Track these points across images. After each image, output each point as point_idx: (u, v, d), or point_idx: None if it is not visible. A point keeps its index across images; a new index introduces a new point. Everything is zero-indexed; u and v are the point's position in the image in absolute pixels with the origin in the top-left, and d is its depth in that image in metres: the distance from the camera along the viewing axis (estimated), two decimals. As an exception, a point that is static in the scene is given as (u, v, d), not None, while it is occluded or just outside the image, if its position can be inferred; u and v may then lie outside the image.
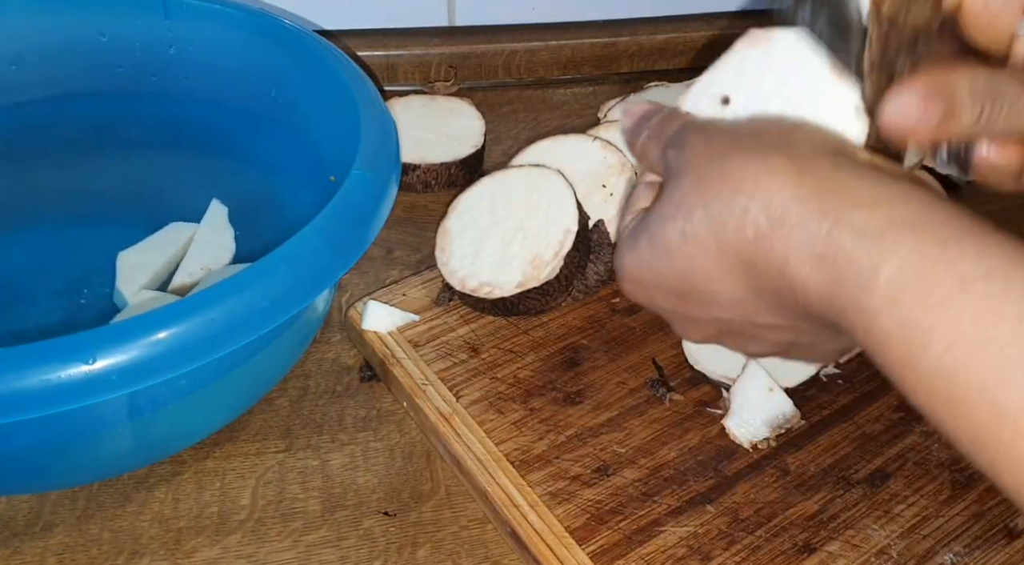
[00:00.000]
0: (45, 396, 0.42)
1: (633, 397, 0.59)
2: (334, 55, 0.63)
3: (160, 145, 0.73)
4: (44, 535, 0.52)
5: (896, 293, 0.32)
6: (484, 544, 0.53)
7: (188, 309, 0.45)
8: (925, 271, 0.32)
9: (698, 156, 0.40)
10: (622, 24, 0.89)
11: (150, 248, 0.65)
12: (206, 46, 0.69)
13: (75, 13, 0.69)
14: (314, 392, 0.61)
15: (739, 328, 0.42)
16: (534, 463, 0.55)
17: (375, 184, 0.54)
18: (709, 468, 0.55)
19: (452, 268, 0.63)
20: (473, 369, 0.60)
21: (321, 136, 0.63)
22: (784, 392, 0.57)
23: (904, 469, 0.56)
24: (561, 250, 0.61)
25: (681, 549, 0.51)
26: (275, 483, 0.55)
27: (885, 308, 0.32)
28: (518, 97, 0.87)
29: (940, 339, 0.31)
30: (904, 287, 0.32)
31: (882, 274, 0.32)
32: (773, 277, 0.36)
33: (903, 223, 0.33)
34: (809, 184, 0.35)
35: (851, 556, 0.51)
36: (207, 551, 0.52)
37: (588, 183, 0.65)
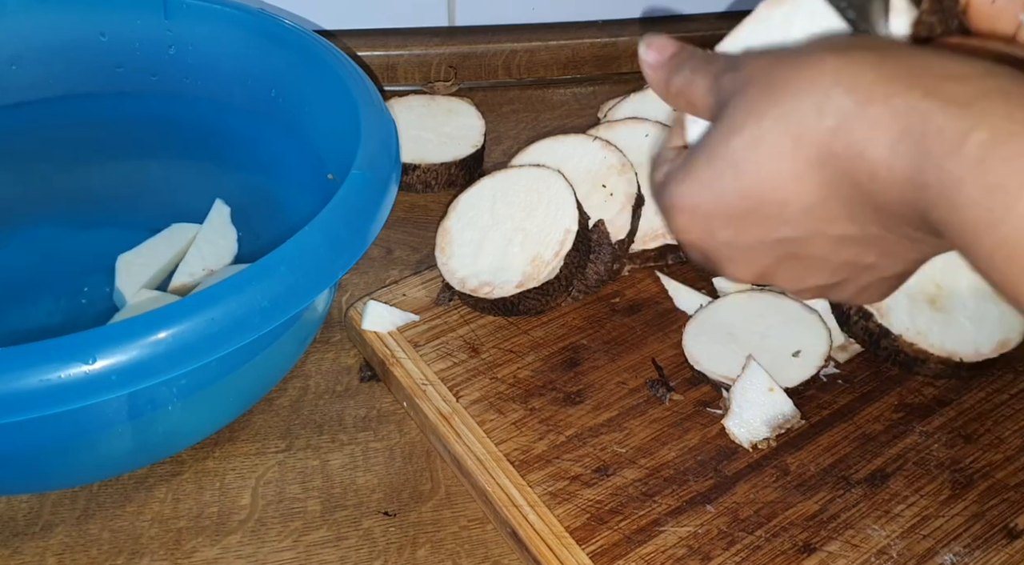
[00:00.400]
0: (45, 396, 0.42)
1: (633, 397, 0.59)
2: (334, 55, 0.63)
3: (160, 145, 0.73)
4: (44, 535, 0.52)
5: (985, 155, 0.32)
6: (484, 544, 0.53)
7: (188, 309, 0.45)
8: (1016, 134, 0.31)
9: (762, 69, 0.38)
10: (622, 24, 0.89)
11: (150, 249, 0.65)
12: (206, 46, 0.69)
13: (75, 13, 0.69)
14: (314, 392, 0.61)
15: (802, 248, 0.40)
16: (534, 463, 0.55)
17: (375, 184, 0.54)
18: (709, 468, 0.55)
19: (452, 268, 0.63)
20: (473, 369, 0.60)
21: (321, 136, 0.63)
22: (784, 392, 0.57)
23: (904, 469, 0.56)
24: (561, 250, 0.61)
25: (681, 549, 0.51)
26: (275, 483, 0.55)
27: (972, 172, 0.32)
28: (518, 97, 0.87)
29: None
30: (994, 150, 0.31)
31: (971, 139, 0.32)
32: (852, 166, 0.36)
33: (993, 92, 0.32)
34: (893, 63, 0.35)
35: (851, 556, 0.51)
36: (207, 551, 0.52)
37: (588, 183, 0.65)
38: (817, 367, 0.59)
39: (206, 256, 0.64)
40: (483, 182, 0.66)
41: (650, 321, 0.64)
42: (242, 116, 0.69)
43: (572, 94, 0.88)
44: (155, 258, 0.64)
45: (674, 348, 0.62)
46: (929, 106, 0.33)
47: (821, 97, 0.36)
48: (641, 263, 0.67)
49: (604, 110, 0.78)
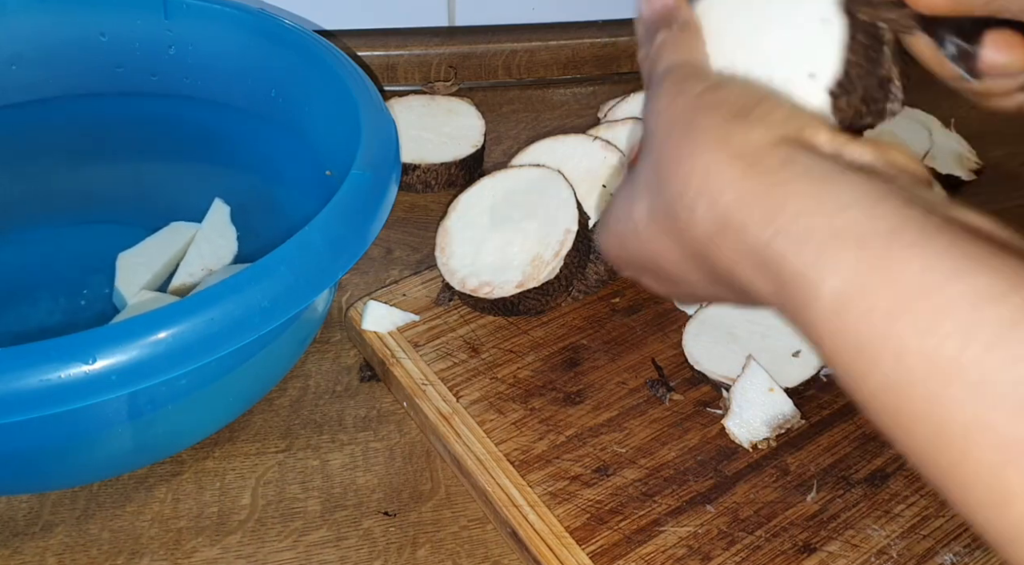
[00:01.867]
0: (45, 396, 0.42)
1: (633, 397, 0.59)
2: (334, 55, 0.63)
3: (160, 145, 0.73)
4: (44, 535, 0.52)
5: (840, 309, 0.31)
6: (484, 544, 0.53)
7: (188, 309, 0.45)
8: (867, 287, 0.30)
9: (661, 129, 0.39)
10: (622, 24, 0.89)
11: (150, 248, 0.65)
12: (206, 46, 0.69)
13: (75, 13, 0.69)
14: (314, 392, 0.61)
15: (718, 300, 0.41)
16: (534, 463, 0.55)
17: (375, 184, 0.54)
18: (709, 468, 0.55)
19: (452, 268, 0.63)
20: (473, 369, 0.60)
21: (321, 136, 0.63)
22: (784, 392, 0.57)
23: (904, 469, 0.56)
24: (561, 250, 0.61)
25: (681, 549, 0.51)
26: (275, 483, 0.55)
27: (831, 324, 0.31)
28: (518, 97, 0.87)
29: (887, 356, 0.30)
30: (848, 303, 0.31)
31: (825, 289, 0.31)
32: (724, 274, 0.36)
33: (845, 233, 0.31)
34: (752, 184, 0.34)
35: (851, 556, 0.52)
36: (207, 551, 0.52)
37: (588, 183, 0.65)
38: (817, 367, 0.59)
39: (206, 256, 0.64)
40: (483, 182, 0.66)
41: (650, 321, 0.64)
42: (242, 116, 0.69)
43: (572, 94, 0.88)
44: (155, 257, 0.64)
45: (674, 348, 0.62)
46: (782, 246, 0.32)
47: (691, 202, 0.36)
48: (641, 263, 0.67)
49: (604, 110, 0.78)
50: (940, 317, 0.29)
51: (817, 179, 0.33)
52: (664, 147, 0.38)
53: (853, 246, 0.31)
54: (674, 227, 0.37)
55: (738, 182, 0.34)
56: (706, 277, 0.37)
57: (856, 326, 0.30)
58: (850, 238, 0.31)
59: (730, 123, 0.36)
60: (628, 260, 0.42)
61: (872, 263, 0.30)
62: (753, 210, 0.33)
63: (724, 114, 0.36)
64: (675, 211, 0.36)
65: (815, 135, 0.36)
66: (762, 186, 0.34)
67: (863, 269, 0.30)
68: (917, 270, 0.30)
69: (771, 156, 0.34)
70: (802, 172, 0.33)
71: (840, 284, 0.31)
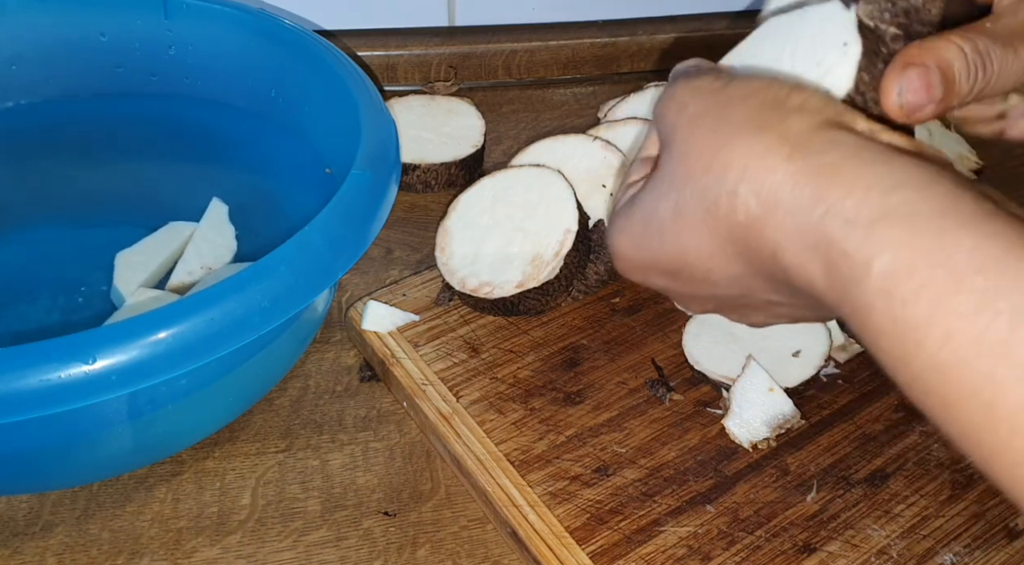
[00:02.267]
0: (45, 396, 0.42)
1: (633, 397, 0.59)
2: (334, 55, 0.63)
3: (160, 145, 0.73)
4: (44, 535, 0.52)
5: (890, 287, 0.31)
6: (484, 544, 0.53)
7: (188, 309, 0.45)
8: (918, 266, 0.30)
9: (685, 124, 0.38)
10: (622, 24, 0.89)
11: (148, 247, 0.65)
12: (206, 46, 0.69)
13: (75, 13, 0.69)
14: (314, 392, 0.61)
15: (738, 302, 0.40)
16: (534, 463, 0.55)
17: (375, 184, 0.54)
18: (709, 468, 0.55)
19: (452, 268, 0.63)
20: (473, 369, 0.60)
21: (321, 136, 0.63)
22: (784, 392, 0.57)
23: (904, 469, 0.56)
24: (561, 250, 0.61)
25: (681, 549, 0.51)
26: (275, 483, 0.55)
27: (879, 303, 0.31)
28: (518, 97, 0.87)
29: (935, 336, 0.30)
30: (898, 282, 0.31)
31: (874, 268, 0.31)
32: (766, 261, 0.35)
33: (897, 212, 0.31)
34: (800, 165, 0.34)
35: (851, 556, 0.52)
36: (207, 551, 0.52)
37: (588, 183, 0.65)
38: (817, 367, 0.59)
39: (204, 254, 0.64)
40: (483, 182, 0.66)
41: (650, 321, 0.64)
42: (242, 116, 0.69)
43: (572, 94, 0.88)
44: (153, 256, 0.64)
45: (674, 348, 0.62)
46: (832, 224, 0.32)
47: (733, 187, 0.35)
48: (641, 263, 0.67)
49: (604, 110, 0.78)
50: (990, 298, 0.29)
51: (867, 160, 0.33)
52: (692, 140, 0.37)
53: (904, 225, 0.31)
54: (710, 217, 0.36)
55: (785, 164, 0.34)
56: (743, 266, 0.37)
57: (904, 306, 0.30)
58: (901, 218, 0.31)
59: (765, 113, 0.36)
60: (644, 263, 0.41)
61: (923, 243, 0.30)
62: (803, 190, 0.33)
63: (756, 104, 0.36)
64: (713, 200, 0.36)
65: (854, 121, 0.35)
66: (810, 167, 0.33)
67: (913, 249, 0.30)
68: (967, 251, 0.30)
69: (817, 138, 0.34)
70: (851, 153, 0.33)
71: (889, 263, 0.31)
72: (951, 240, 0.30)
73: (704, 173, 0.36)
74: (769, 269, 0.36)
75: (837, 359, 0.61)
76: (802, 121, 0.35)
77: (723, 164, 0.35)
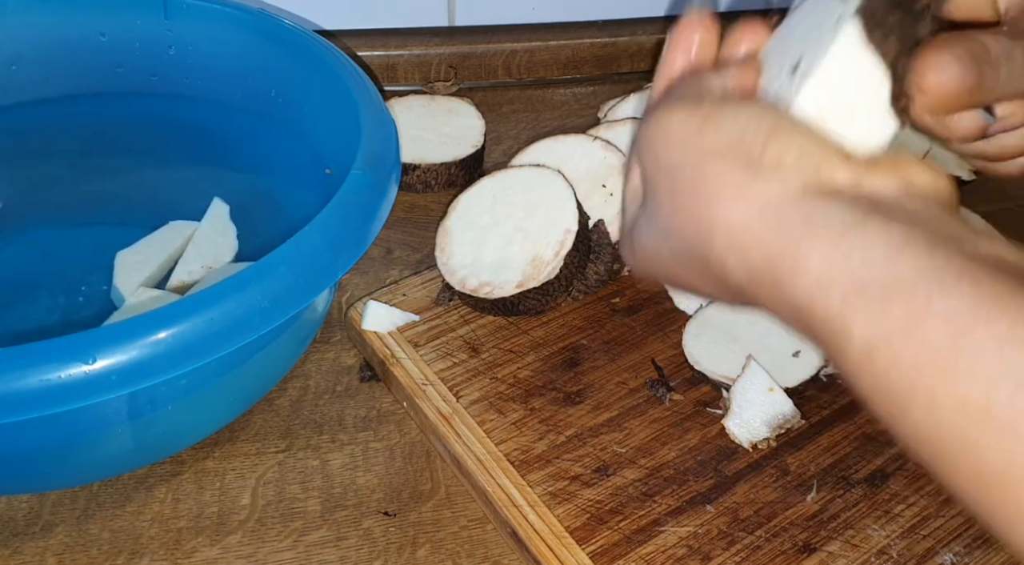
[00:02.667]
0: (45, 396, 0.42)
1: (633, 397, 0.59)
2: (334, 55, 0.63)
3: (160, 145, 0.73)
4: (44, 535, 0.52)
5: (870, 358, 0.31)
6: (484, 544, 0.53)
7: (188, 309, 0.45)
8: (893, 340, 0.31)
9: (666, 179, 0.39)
10: (622, 24, 0.89)
11: (149, 247, 0.65)
12: (206, 46, 0.69)
13: (75, 13, 0.69)
14: (314, 392, 0.61)
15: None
16: (534, 463, 0.55)
17: (375, 184, 0.54)
18: (709, 468, 0.55)
19: (452, 268, 0.63)
20: (473, 369, 0.60)
21: (321, 136, 0.63)
22: (784, 392, 0.57)
23: (904, 469, 0.56)
24: (561, 250, 0.61)
25: (681, 549, 0.51)
26: (275, 483, 0.55)
27: (863, 371, 0.32)
28: (518, 97, 0.87)
29: (919, 403, 0.30)
30: (875, 354, 0.31)
31: (854, 340, 0.32)
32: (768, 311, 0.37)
33: (870, 285, 0.32)
34: (778, 242, 0.34)
35: (851, 556, 0.51)
36: (207, 551, 0.52)
37: (588, 183, 0.65)
38: (817, 367, 0.59)
39: (204, 254, 0.64)
40: (483, 182, 0.66)
41: (650, 321, 0.64)
42: (242, 116, 0.69)
43: (572, 94, 0.88)
44: (153, 255, 0.64)
45: (674, 348, 0.62)
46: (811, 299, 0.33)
47: (719, 256, 0.36)
48: (641, 263, 0.67)
49: (604, 110, 0.78)
50: (966, 365, 0.29)
51: (837, 233, 0.33)
52: (675, 197, 0.38)
53: (876, 299, 0.31)
54: (706, 273, 0.38)
55: (763, 239, 0.35)
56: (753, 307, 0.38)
57: (886, 376, 0.31)
58: (873, 292, 0.31)
59: (743, 173, 0.36)
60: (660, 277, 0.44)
61: (895, 317, 0.31)
62: (781, 266, 0.34)
63: (734, 163, 0.36)
64: (705, 261, 0.37)
65: (832, 174, 0.35)
66: (787, 243, 0.34)
67: (887, 323, 0.31)
68: (941, 321, 0.30)
69: (792, 212, 0.35)
70: (822, 226, 0.34)
71: (866, 336, 0.31)
72: (921, 313, 0.30)
73: (694, 235, 0.37)
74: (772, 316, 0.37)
75: (837, 359, 0.61)
76: (780, 189, 0.35)
77: (708, 231, 0.37)
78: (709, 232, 0.36)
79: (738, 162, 0.36)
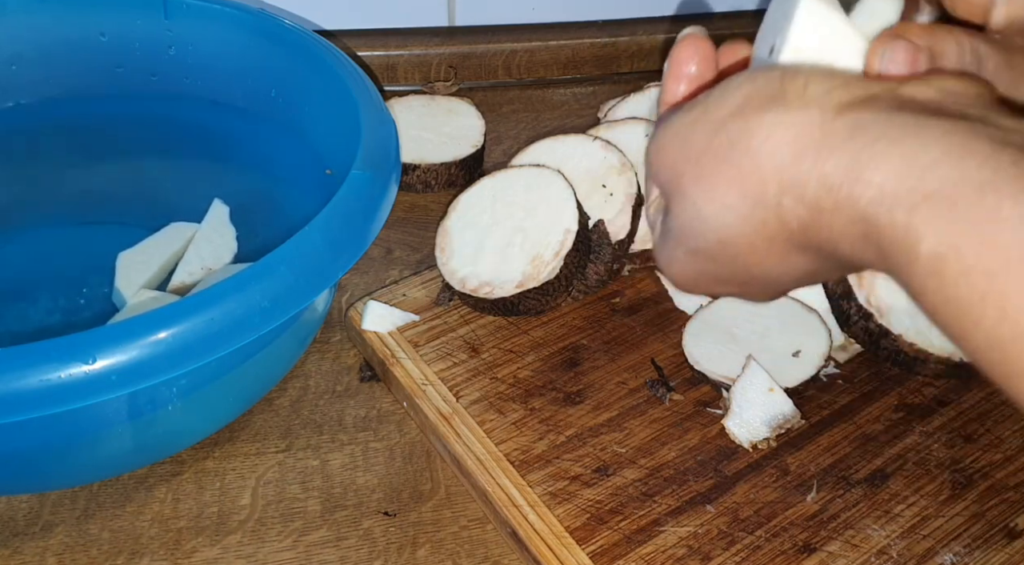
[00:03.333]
0: (45, 396, 0.42)
1: (633, 397, 0.59)
2: (334, 55, 0.63)
3: (160, 145, 0.73)
4: (44, 535, 0.52)
5: (939, 270, 0.30)
6: (484, 544, 0.53)
7: (188, 309, 0.45)
8: (963, 247, 0.30)
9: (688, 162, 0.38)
10: (622, 24, 0.89)
11: (150, 248, 0.65)
12: (206, 46, 0.69)
13: (75, 13, 0.69)
14: (314, 392, 0.61)
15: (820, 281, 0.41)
16: (534, 463, 0.55)
17: (375, 184, 0.54)
18: (709, 468, 0.55)
19: (452, 268, 0.63)
20: (473, 369, 0.60)
21: (321, 136, 0.63)
22: (784, 392, 0.57)
23: (904, 469, 0.56)
24: (561, 250, 0.61)
25: (681, 549, 0.51)
26: (275, 483, 0.55)
27: (930, 284, 0.31)
28: (518, 97, 0.87)
29: (990, 314, 0.30)
30: (945, 265, 0.30)
31: (921, 252, 0.31)
32: (831, 254, 0.35)
33: (936, 193, 0.31)
34: (832, 164, 0.33)
35: (851, 556, 0.51)
36: (207, 551, 0.52)
37: (588, 183, 0.65)
38: (817, 367, 0.59)
39: (205, 255, 0.65)
40: (483, 182, 0.66)
41: (650, 321, 0.64)
42: (242, 116, 0.69)
43: (572, 94, 0.88)
44: (154, 257, 0.64)
45: (674, 348, 0.62)
46: (876, 214, 0.32)
47: (775, 203, 0.35)
48: (641, 263, 0.67)
49: (604, 110, 0.78)
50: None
51: (895, 139, 0.32)
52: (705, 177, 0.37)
53: (945, 207, 0.30)
54: (765, 233, 0.36)
55: (817, 166, 0.33)
56: (813, 260, 0.37)
57: (956, 286, 0.30)
58: (941, 199, 0.30)
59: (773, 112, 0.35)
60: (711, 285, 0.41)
61: (965, 223, 0.30)
62: (840, 189, 0.33)
63: (758, 108, 0.35)
64: (762, 218, 0.36)
65: (866, 87, 0.34)
66: (842, 161, 0.33)
67: (957, 230, 0.30)
68: (1012, 226, 0.29)
69: (839, 129, 0.33)
70: (877, 135, 0.33)
71: (935, 246, 0.30)
72: (992, 218, 0.30)
73: (739, 199, 0.36)
74: (837, 258, 0.36)
75: (837, 359, 0.61)
76: (816, 110, 0.34)
77: (756, 184, 0.35)
78: (758, 183, 0.35)
79: (762, 106, 0.35)
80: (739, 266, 0.39)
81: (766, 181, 0.35)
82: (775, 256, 0.37)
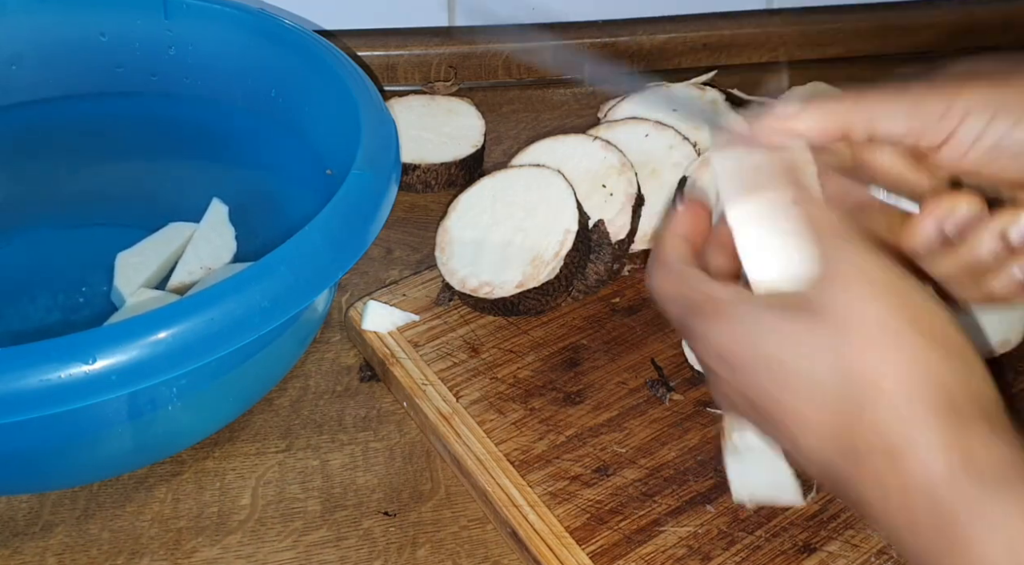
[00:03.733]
0: (45, 396, 0.42)
1: (633, 397, 0.59)
2: (334, 55, 0.63)
3: (160, 145, 0.73)
4: (44, 535, 0.52)
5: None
6: (484, 544, 0.53)
7: (188, 309, 0.45)
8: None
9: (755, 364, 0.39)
10: (622, 24, 0.89)
11: (149, 248, 0.65)
12: (206, 46, 0.69)
13: (75, 13, 0.69)
14: (314, 392, 0.61)
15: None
16: (534, 463, 0.55)
17: (375, 184, 0.54)
18: (709, 468, 0.55)
19: (452, 268, 0.63)
20: (473, 369, 0.60)
21: (321, 136, 0.63)
22: (784, 392, 0.57)
23: (904, 469, 0.56)
24: (561, 250, 0.61)
25: (681, 549, 0.51)
26: (275, 483, 0.55)
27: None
28: (518, 97, 0.87)
29: None
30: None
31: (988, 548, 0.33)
32: (873, 459, 0.36)
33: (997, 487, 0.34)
34: (948, 518, 0.34)
35: (851, 556, 0.51)
36: (207, 551, 0.52)
37: (588, 183, 0.65)
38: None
39: (203, 255, 0.65)
40: (483, 182, 0.66)
41: (650, 321, 0.64)
42: (242, 116, 0.69)
43: (572, 94, 0.88)
44: (154, 256, 0.64)
45: (674, 348, 0.62)
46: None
47: (871, 404, 0.36)
48: (641, 263, 0.67)
49: (604, 110, 0.78)
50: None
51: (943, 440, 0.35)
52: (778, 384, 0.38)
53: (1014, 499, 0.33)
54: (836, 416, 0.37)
55: (934, 506, 0.35)
56: (843, 464, 0.38)
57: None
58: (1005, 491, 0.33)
59: (804, 391, 0.37)
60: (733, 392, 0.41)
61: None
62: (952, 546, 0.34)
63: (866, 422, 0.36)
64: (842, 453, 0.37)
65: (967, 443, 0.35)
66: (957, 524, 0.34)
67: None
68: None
69: (877, 417, 0.35)
70: (998, 515, 0.34)
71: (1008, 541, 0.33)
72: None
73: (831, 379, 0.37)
74: (869, 465, 0.36)
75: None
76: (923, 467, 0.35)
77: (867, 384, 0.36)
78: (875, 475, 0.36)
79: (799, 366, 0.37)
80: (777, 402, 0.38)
81: (878, 474, 0.36)
82: (816, 431, 0.37)
